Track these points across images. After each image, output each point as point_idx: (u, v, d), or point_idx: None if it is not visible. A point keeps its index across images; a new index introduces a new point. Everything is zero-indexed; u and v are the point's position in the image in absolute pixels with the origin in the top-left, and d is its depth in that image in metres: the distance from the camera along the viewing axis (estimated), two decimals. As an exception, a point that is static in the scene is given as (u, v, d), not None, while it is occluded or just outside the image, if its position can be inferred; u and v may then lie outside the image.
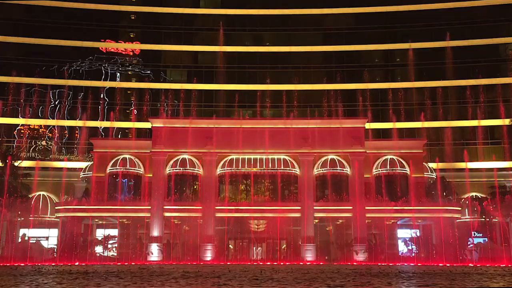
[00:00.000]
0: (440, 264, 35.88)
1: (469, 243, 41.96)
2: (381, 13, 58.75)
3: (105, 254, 41.48)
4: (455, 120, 55.11)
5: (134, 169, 43.39)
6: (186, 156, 43.25)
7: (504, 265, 34.01)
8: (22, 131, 54.32)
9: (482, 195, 46.40)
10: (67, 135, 55.13)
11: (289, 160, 43.36)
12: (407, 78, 57.22)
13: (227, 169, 42.97)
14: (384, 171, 43.41)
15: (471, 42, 56.61)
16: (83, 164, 49.05)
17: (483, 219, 43.95)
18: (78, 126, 55.44)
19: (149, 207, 41.77)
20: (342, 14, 59.51)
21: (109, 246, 41.70)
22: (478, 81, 55.55)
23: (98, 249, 42.49)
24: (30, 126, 54.85)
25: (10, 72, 54.93)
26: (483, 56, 56.13)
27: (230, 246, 43.36)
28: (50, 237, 46.38)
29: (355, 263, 37.09)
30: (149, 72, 57.82)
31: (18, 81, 55.35)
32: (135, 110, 56.87)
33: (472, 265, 35.30)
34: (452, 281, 18.08)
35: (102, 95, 56.51)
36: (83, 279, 18.55)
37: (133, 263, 35.49)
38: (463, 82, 56.12)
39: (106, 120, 55.71)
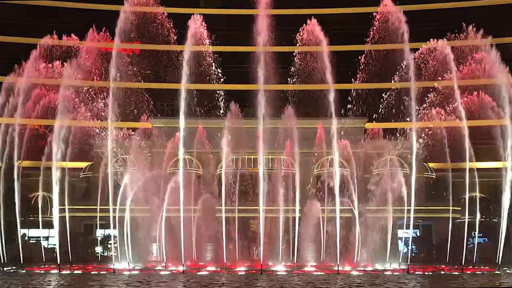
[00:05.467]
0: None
1: (469, 243, 41.94)
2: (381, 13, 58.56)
3: (105, 254, 41.59)
4: (455, 120, 54.90)
5: (134, 169, 43.36)
6: (186, 156, 43.16)
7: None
8: (21, 131, 54.23)
9: (482, 195, 46.32)
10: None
11: (289, 160, 43.30)
12: (407, 78, 57.04)
13: (227, 169, 42.88)
14: (384, 171, 43.35)
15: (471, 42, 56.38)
16: (83, 164, 49.00)
17: (483, 219, 43.92)
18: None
19: (149, 207, 41.75)
20: (342, 14, 59.48)
21: (109, 246, 41.81)
22: (478, 81, 55.41)
23: (98, 249, 42.57)
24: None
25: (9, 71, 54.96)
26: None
27: (230, 246, 43.31)
28: (50, 237, 46.37)
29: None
30: (149, 72, 57.74)
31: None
32: (135, 110, 56.85)
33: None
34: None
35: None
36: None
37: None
38: (463, 82, 55.90)
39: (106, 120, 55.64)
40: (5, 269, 30.18)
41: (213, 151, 43.73)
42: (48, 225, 45.04)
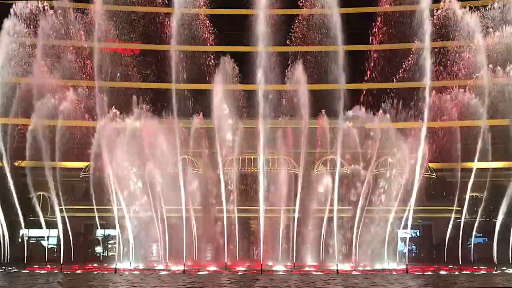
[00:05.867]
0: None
1: (469, 243, 42.02)
2: (385, 13, 58.47)
3: (105, 254, 41.70)
4: (455, 120, 54.81)
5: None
6: (185, 156, 43.20)
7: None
8: (21, 130, 54.25)
9: (482, 195, 46.33)
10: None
11: (289, 160, 43.34)
12: (410, 78, 56.95)
13: (227, 169, 42.95)
14: (385, 171, 43.37)
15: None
16: (83, 164, 49.01)
17: (483, 219, 43.98)
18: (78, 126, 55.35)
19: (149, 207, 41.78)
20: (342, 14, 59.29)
21: (109, 246, 41.91)
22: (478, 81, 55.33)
23: (98, 249, 42.66)
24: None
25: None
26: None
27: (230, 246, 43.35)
28: (50, 237, 46.37)
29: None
30: (149, 72, 57.71)
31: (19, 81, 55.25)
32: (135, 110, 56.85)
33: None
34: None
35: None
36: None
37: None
38: (464, 82, 55.85)
39: (107, 120, 55.62)
40: (7, 269, 30.23)
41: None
42: (48, 225, 45.09)
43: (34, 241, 46.08)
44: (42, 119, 36.27)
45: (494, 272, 27.09)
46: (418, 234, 47.61)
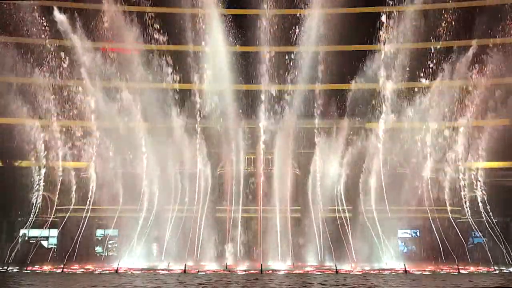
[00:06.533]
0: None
1: (469, 243, 42.05)
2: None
3: (105, 254, 41.75)
4: (455, 120, 54.77)
5: (134, 169, 43.37)
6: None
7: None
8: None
9: (480, 195, 46.32)
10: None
11: (290, 160, 43.30)
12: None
13: (227, 169, 42.99)
14: (385, 171, 43.37)
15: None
16: (83, 164, 48.95)
17: (483, 219, 43.99)
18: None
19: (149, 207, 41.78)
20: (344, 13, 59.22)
21: (109, 246, 41.94)
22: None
23: (98, 249, 42.69)
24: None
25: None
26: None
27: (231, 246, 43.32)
28: (50, 237, 46.32)
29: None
30: (149, 72, 57.53)
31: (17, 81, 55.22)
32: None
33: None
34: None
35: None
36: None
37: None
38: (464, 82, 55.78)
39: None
40: (9, 269, 30.29)
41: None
42: (49, 225, 45.10)
43: (34, 241, 46.11)
44: None
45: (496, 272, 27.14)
46: (418, 234, 47.60)
